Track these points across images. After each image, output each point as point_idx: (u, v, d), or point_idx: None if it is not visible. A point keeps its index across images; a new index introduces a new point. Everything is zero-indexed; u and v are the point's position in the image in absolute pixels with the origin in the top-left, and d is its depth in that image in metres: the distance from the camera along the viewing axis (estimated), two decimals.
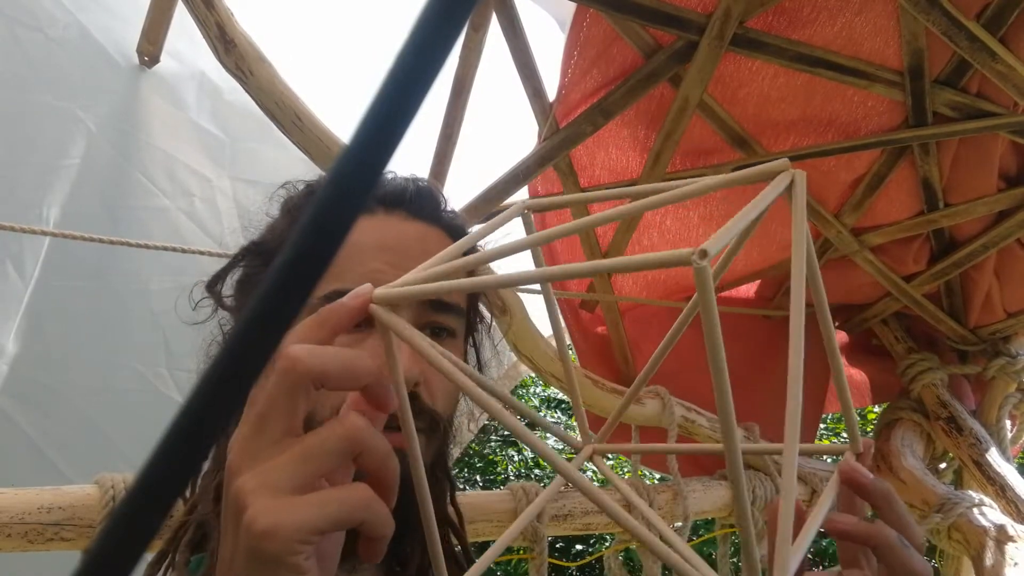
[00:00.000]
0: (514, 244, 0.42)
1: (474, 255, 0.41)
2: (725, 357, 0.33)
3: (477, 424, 1.70)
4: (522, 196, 1.40)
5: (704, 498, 1.35)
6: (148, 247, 1.17)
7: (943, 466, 1.62)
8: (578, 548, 4.63)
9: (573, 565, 4.29)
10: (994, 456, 1.51)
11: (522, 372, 2.08)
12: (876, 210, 1.41)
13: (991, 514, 1.41)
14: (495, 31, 1.29)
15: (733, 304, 1.64)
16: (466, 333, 0.74)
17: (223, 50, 0.99)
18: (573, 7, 1.21)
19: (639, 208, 0.40)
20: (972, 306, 1.57)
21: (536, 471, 5.28)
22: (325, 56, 1.83)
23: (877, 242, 1.46)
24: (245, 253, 0.75)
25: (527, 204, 0.47)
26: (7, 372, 1.38)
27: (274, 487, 0.36)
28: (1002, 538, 1.36)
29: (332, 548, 0.43)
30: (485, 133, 1.73)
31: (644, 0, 1.11)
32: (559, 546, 4.47)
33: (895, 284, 1.53)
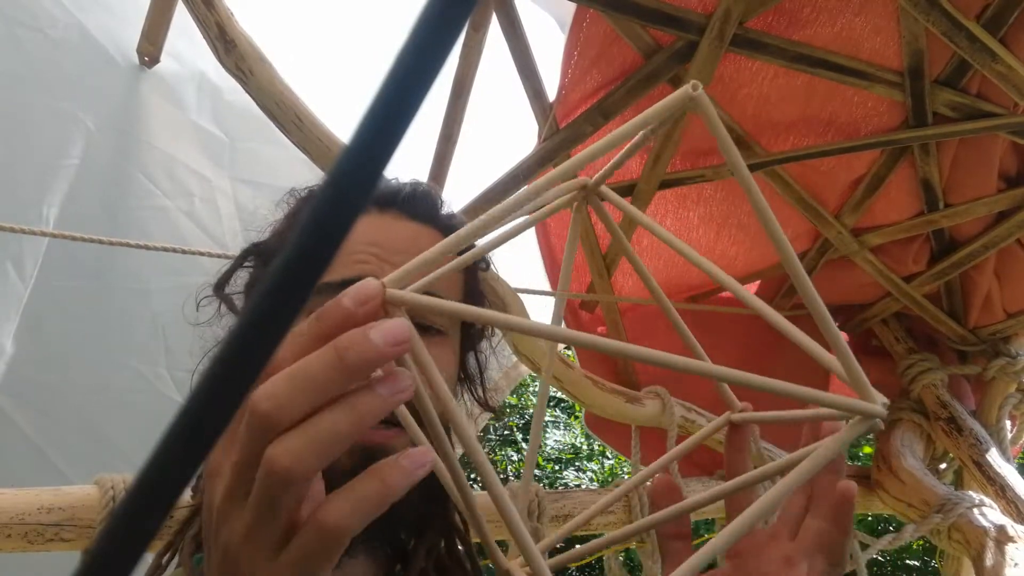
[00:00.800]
0: (504, 232, 0.41)
1: (470, 252, 0.41)
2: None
3: (478, 425, 1.70)
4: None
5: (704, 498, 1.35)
6: (148, 247, 1.17)
7: (943, 466, 1.62)
8: (578, 548, 4.63)
9: (573, 565, 4.30)
10: (994, 456, 1.51)
11: (522, 372, 2.08)
12: (876, 210, 1.41)
13: (991, 514, 1.41)
14: (495, 31, 1.29)
15: (733, 304, 1.64)
16: (464, 337, 0.74)
17: (223, 50, 0.99)
18: (573, 7, 1.21)
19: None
20: (972, 306, 1.57)
21: (535, 471, 5.28)
22: (325, 56, 1.83)
23: (877, 242, 1.46)
24: (248, 254, 0.75)
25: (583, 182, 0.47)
26: (7, 372, 1.38)
27: (263, 546, 0.34)
28: (1002, 538, 1.36)
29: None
30: (485, 133, 1.73)
31: (644, 0, 1.11)
32: (559, 546, 4.47)
33: (895, 284, 1.53)
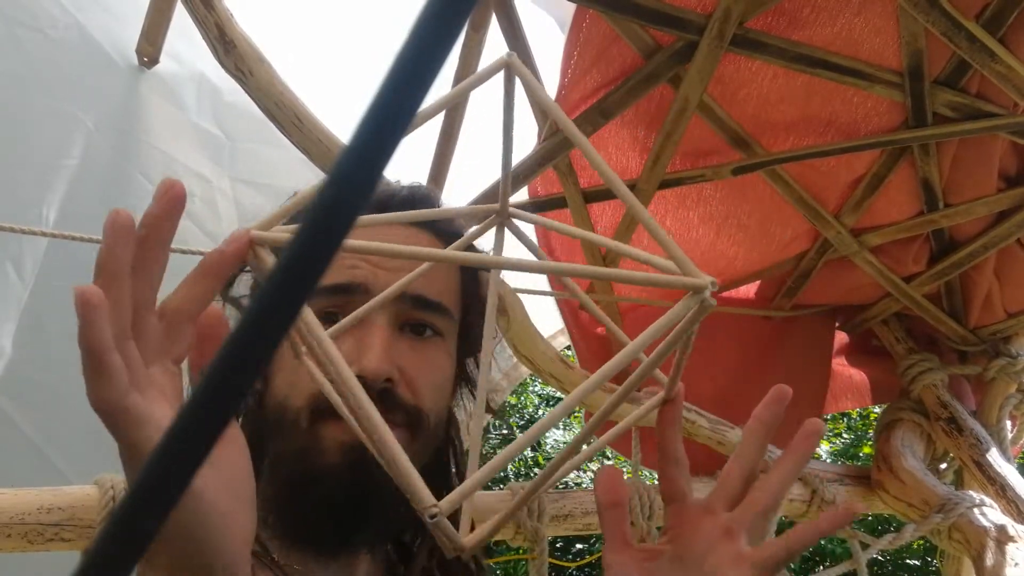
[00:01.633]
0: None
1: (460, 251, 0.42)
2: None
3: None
4: (522, 196, 1.40)
5: None
6: None
7: (943, 466, 1.62)
8: (578, 548, 4.63)
9: (573, 565, 4.29)
10: (995, 456, 1.51)
11: (522, 373, 2.08)
12: (876, 210, 1.41)
13: (992, 514, 1.41)
14: (495, 31, 1.29)
15: (733, 304, 1.64)
16: (462, 340, 0.73)
17: (223, 51, 0.99)
18: (573, 7, 1.21)
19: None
20: (972, 306, 1.57)
21: (536, 470, 5.28)
22: (325, 56, 1.83)
23: (877, 242, 1.46)
24: None
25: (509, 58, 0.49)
26: (6, 372, 1.38)
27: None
28: (1003, 538, 1.36)
29: (238, 456, 0.45)
30: (485, 133, 1.73)
31: (644, 0, 1.11)
32: (559, 546, 4.47)
33: (895, 285, 1.53)
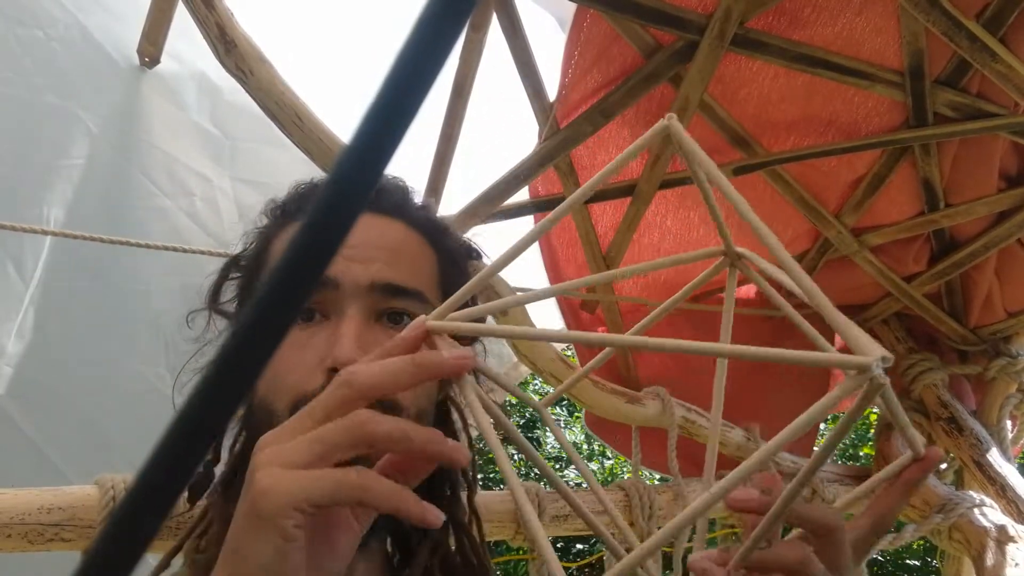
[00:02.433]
0: (515, 246, 0.43)
1: (484, 271, 0.43)
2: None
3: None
4: (522, 196, 1.40)
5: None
6: (149, 247, 1.17)
7: (944, 466, 1.62)
8: (578, 548, 4.63)
9: (573, 565, 4.30)
10: (995, 456, 1.51)
11: (522, 372, 2.08)
12: (876, 210, 1.41)
13: (992, 514, 1.41)
14: (495, 31, 1.29)
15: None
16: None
17: (223, 50, 0.99)
18: (573, 7, 1.21)
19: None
20: (972, 306, 1.57)
21: (536, 470, 5.28)
22: (325, 56, 1.83)
23: (877, 242, 1.46)
24: (231, 266, 0.75)
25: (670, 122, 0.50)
26: (8, 373, 1.38)
27: (283, 461, 0.41)
28: (1003, 538, 1.36)
29: (345, 548, 0.46)
30: (485, 133, 1.73)
31: (644, 0, 1.11)
32: (559, 546, 4.47)
33: (895, 284, 1.53)
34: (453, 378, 0.43)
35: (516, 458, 5.36)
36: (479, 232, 1.31)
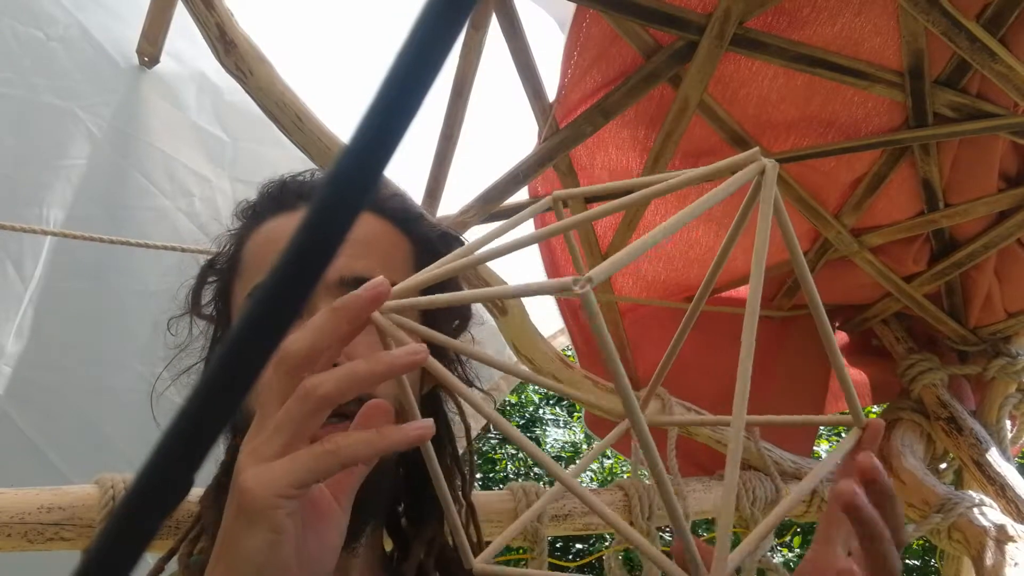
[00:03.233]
0: (513, 242, 0.43)
1: (465, 259, 0.43)
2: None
3: (480, 422, 1.70)
4: (522, 197, 1.40)
5: (704, 498, 1.35)
6: (148, 247, 1.17)
7: (943, 466, 1.62)
8: (578, 548, 4.63)
9: (573, 565, 4.29)
10: (994, 456, 1.50)
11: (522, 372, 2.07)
12: (876, 210, 1.41)
13: (991, 514, 1.41)
14: (495, 31, 1.29)
15: (733, 304, 1.64)
16: (427, 320, 0.73)
17: (223, 51, 0.99)
18: (573, 7, 1.21)
19: (633, 201, 0.41)
20: (972, 306, 1.57)
21: (536, 469, 5.28)
22: (325, 56, 1.83)
23: (877, 242, 1.46)
24: (208, 271, 0.75)
25: (557, 195, 0.48)
26: (8, 373, 1.38)
27: (258, 457, 0.41)
28: (1002, 538, 1.36)
29: (333, 537, 0.45)
30: (485, 133, 1.73)
31: (644, 0, 1.11)
32: (559, 546, 4.47)
33: (895, 284, 1.53)
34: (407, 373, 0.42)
35: (516, 459, 5.36)
36: (478, 232, 1.31)
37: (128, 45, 1.64)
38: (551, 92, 1.30)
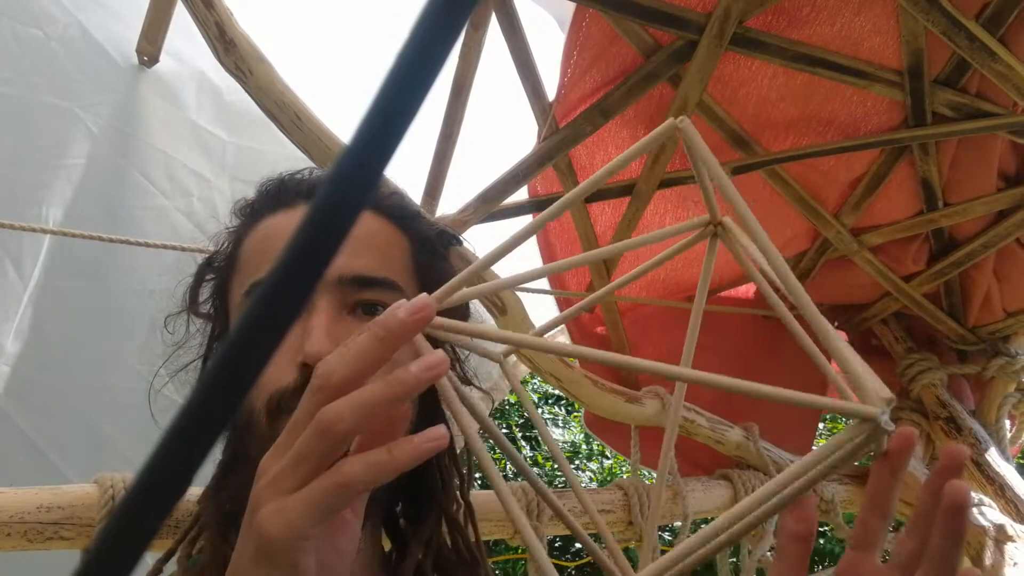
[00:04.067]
0: (511, 239, 0.43)
1: (479, 261, 0.43)
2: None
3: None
4: (522, 196, 1.40)
5: (704, 498, 1.35)
6: (148, 246, 1.17)
7: None
8: (577, 547, 4.63)
9: (572, 565, 4.29)
10: (993, 456, 1.51)
11: (521, 371, 2.08)
12: (875, 210, 1.42)
13: (990, 514, 1.41)
14: (495, 31, 1.29)
15: (732, 304, 1.64)
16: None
17: (223, 50, 0.99)
18: (573, 7, 1.21)
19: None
20: (971, 306, 1.57)
21: (536, 469, 5.28)
22: (325, 56, 1.83)
23: (876, 242, 1.46)
24: (205, 269, 0.75)
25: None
26: (7, 372, 1.38)
27: (278, 488, 0.41)
28: (1001, 538, 1.36)
29: (348, 544, 0.46)
30: (485, 133, 1.73)
31: (644, 0, 1.11)
32: (558, 545, 4.47)
33: (894, 284, 1.53)
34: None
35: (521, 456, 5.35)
36: (477, 231, 1.31)
37: (128, 44, 1.64)
38: (551, 91, 1.30)
